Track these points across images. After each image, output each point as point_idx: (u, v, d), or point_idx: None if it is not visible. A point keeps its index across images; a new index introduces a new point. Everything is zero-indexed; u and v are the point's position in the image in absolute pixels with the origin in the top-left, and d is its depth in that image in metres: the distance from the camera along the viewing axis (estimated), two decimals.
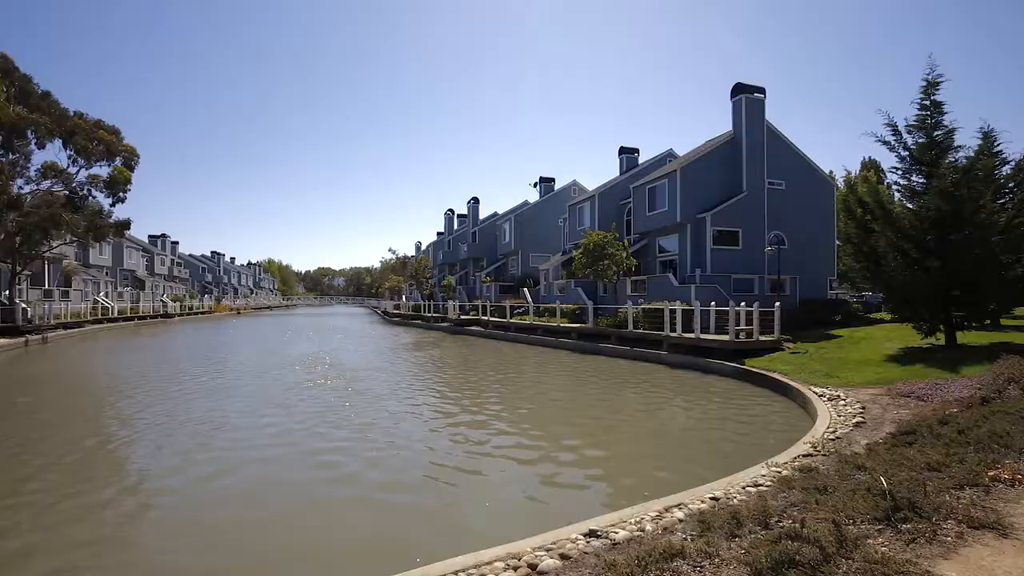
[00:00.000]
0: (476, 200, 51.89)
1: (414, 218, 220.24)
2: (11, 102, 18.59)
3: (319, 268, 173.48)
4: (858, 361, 12.57)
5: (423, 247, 74.19)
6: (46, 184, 26.99)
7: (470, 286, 47.99)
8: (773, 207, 23.86)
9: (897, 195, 16.65)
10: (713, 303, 16.99)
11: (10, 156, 23.65)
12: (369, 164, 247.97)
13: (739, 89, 24.21)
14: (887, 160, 74.60)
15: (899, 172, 14.63)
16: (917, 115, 13.99)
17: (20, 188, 26.06)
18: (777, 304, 16.30)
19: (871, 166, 42.69)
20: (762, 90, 24.45)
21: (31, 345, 23.98)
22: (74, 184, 27.63)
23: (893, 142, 14.28)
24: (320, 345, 25.31)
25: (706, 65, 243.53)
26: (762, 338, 15.51)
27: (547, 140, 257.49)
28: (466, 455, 7.67)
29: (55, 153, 32.07)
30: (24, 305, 26.92)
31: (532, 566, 3.57)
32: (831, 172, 35.80)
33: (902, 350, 13.29)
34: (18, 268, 28.60)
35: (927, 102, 13.79)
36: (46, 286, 34.91)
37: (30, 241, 27.18)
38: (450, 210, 59.33)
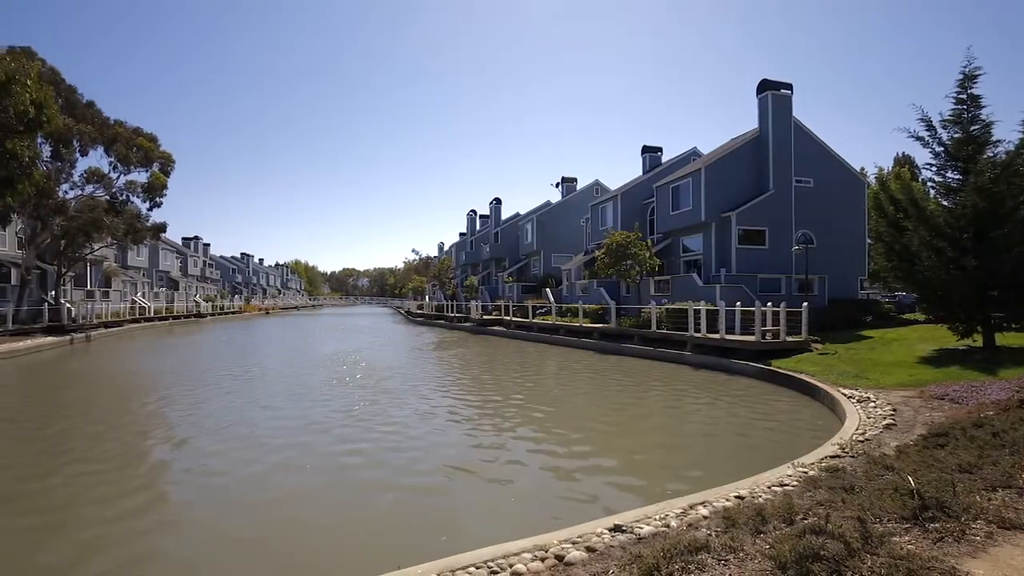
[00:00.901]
0: (498, 201, 52.14)
1: (437, 219, 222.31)
2: (59, 113, 19.52)
3: (344, 269, 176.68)
4: (889, 363, 12.29)
5: (446, 248, 74.90)
6: (88, 189, 28.25)
7: (492, 286, 48.25)
8: (801, 205, 23.40)
9: (932, 192, 16.19)
10: (739, 303, 16.79)
11: (57, 164, 24.79)
12: (393, 166, 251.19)
13: (765, 86, 23.82)
14: (922, 156, 72.19)
15: (934, 168, 14.24)
16: (953, 109, 13.60)
17: (65, 193, 27.34)
18: (805, 304, 16.03)
19: (904, 162, 41.40)
20: (789, 86, 24.00)
21: (76, 343, 25.11)
22: (114, 189, 28.83)
23: (927, 137, 13.90)
24: (347, 344, 25.86)
25: (733, 62, 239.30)
26: (789, 339, 15.27)
27: (569, 141, 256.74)
28: (489, 451, 7.80)
29: (97, 160, 33.47)
30: (68, 305, 28.22)
31: (559, 557, 3.67)
32: (862, 169, 34.95)
33: (937, 352, 12.94)
34: (63, 270, 30.00)
35: (964, 95, 13.38)
36: (88, 287, 36.44)
37: (74, 244, 28.48)
38: (472, 211, 59.77)
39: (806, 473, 5.37)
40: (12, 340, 21.32)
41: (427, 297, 61.25)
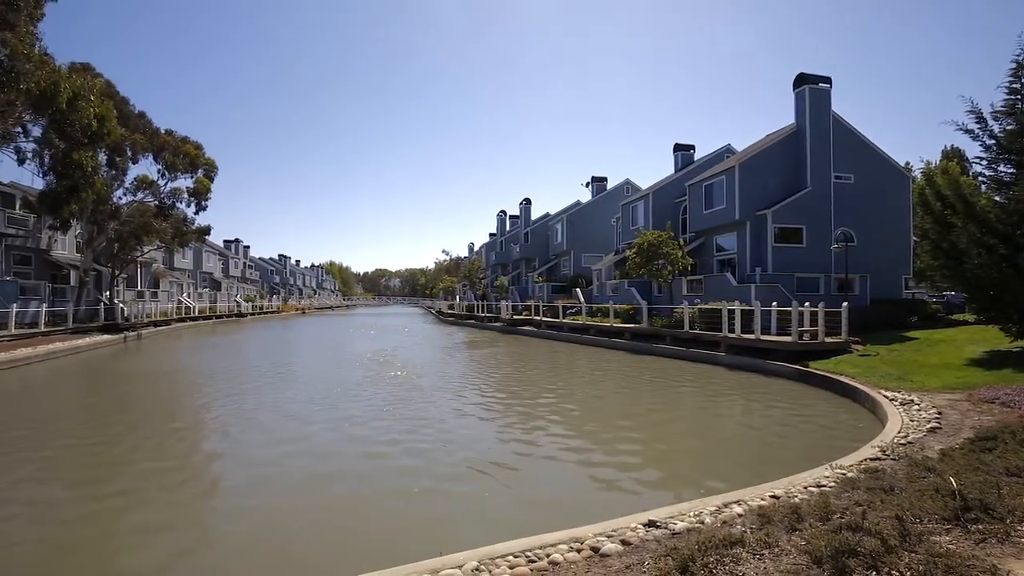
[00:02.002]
0: (528, 201, 52.26)
1: (467, 220, 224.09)
2: (116, 124, 20.78)
3: (376, 269, 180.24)
4: (936, 365, 11.86)
5: (476, 248, 75.47)
6: (139, 195, 29.79)
7: (522, 286, 48.41)
8: (840, 202, 22.69)
9: (983, 187, 15.48)
10: (775, 303, 16.44)
11: (111, 171, 26.25)
12: (424, 167, 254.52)
13: (802, 80, 23.20)
14: (972, 149, 68.58)
15: (984, 162, 13.63)
16: (1005, 100, 12.99)
17: (119, 199, 28.92)
18: (845, 304, 15.58)
19: (953, 155, 39.45)
20: (828, 79, 23.30)
21: (128, 342, 26.53)
22: (162, 194, 30.34)
23: (977, 130, 13.31)
24: (381, 343, 26.48)
25: (768, 58, 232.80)
26: (828, 340, 14.87)
27: (600, 140, 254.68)
28: (520, 448, 7.94)
29: (146, 167, 35.24)
30: (121, 305, 29.84)
31: (594, 549, 3.78)
32: (907, 164, 33.54)
33: (987, 353, 12.41)
34: (116, 271, 31.73)
35: (1017, 85, 12.78)
36: (139, 287, 38.37)
37: (126, 247, 30.11)
38: (502, 211, 60.05)
39: (844, 474, 5.31)
40: (73, 338, 22.70)
41: (457, 297, 61.89)
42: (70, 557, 4.67)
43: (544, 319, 31.36)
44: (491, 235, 65.32)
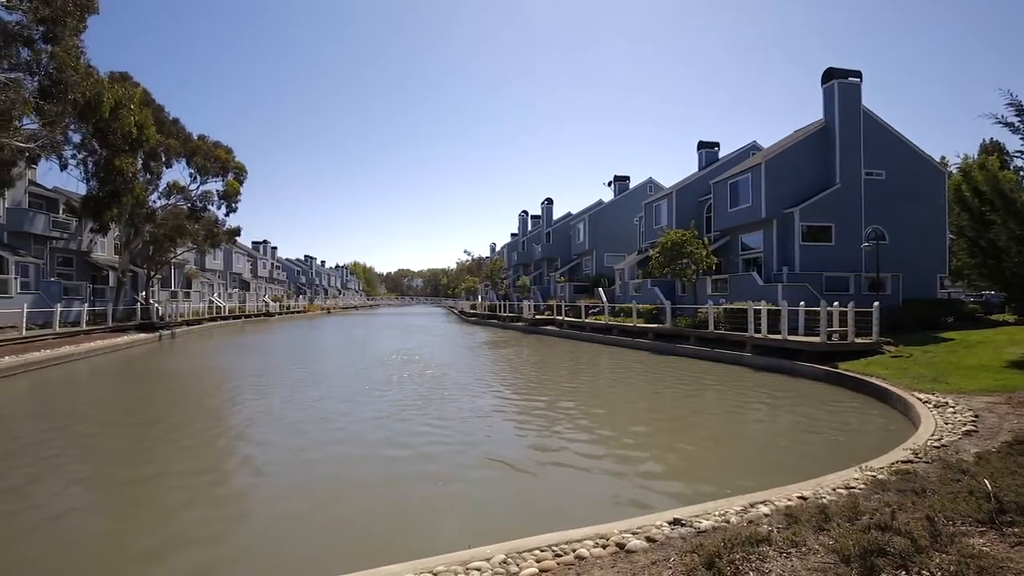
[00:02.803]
0: (550, 201, 52.21)
1: (489, 220, 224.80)
2: (155, 131, 21.63)
3: (399, 270, 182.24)
4: (972, 366, 11.49)
5: (497, 248, 75.72)
6: (172, 199, 30.84)
7: (544, 286, 48.40)
8: (871, 199, 22.10)
9: None
10: (802, 303, 16.14)
11: (147, 176, 27.25)
12: (445, 168, 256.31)
13: (831, 74, 22.67)
14: (1012, 143, 65.86)
15: None
16: None
17: (154, 203, 29.99)
18: (876, 304, 15.18)
19: (992, 149, 37.92)
20: (857, 73, 22.72)
21: (163, 340, 27.49)
22: (193, 197, 31.34)
23: (1017, 123, 12.82)
24: (405, 343, 26.84)
25: (797, 52, 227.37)
26: (858, 340, 14.53)
27: (623, 139, 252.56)
28: (544, 446, 8.00)
29: (179, 171, 36.37)
30: (156, 305, 30.93)
31: (620, 545, 3.83)
32: (943, 158, 32.39)
33: None
34: (151, 272, 32.89)
35: None
36: (172, 288, 39.69)
37: (161, 248, 31.19)
38: (524, 211, 60.12)
39: (874, 476, 5.24)
40: (112, 336, 23.65)
41: (479, 297, 62.21)
42: (127, 516, 4.95)
43: (566, 319, 31.32)
44: (513, 235, 65.46)
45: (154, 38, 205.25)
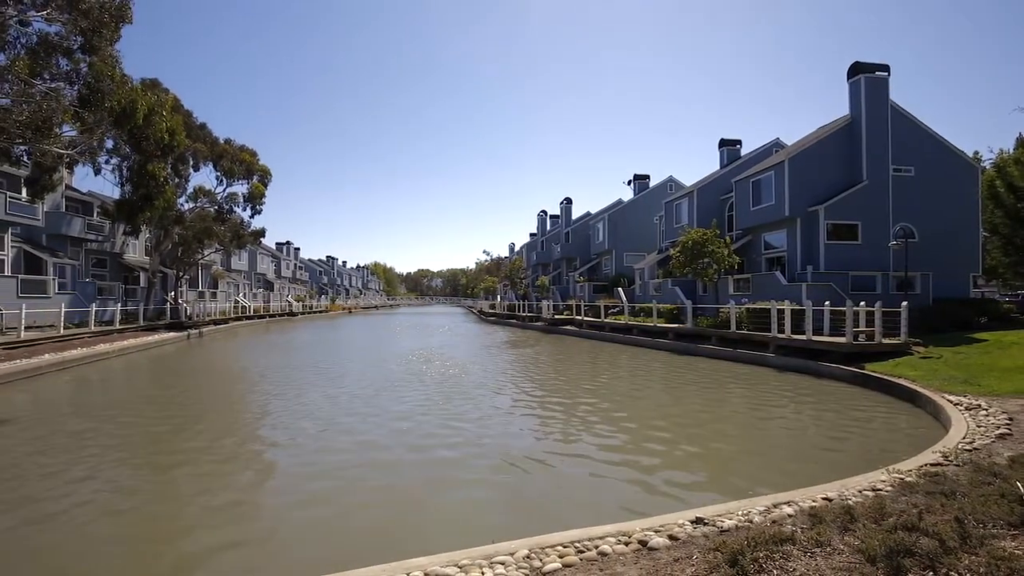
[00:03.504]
0: (569, 200, 52.09)
1: (508, 220, 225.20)
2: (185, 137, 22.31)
3: (419, 270, 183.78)
4: (1007, 368, 11.15)
5: (516, 248, 75.82)
6: (199, 201, 31.70)
7: (563, 286, 48.32)
8: (900, 196, 21.55)
9: None
10: (827, 303, 15.85)
11: (176, 179, 28.07)
12: (464, 167, 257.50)
13: (857, 68, 22.16)
14: None
15: None
16: None
17: (181, 206, 30.86)
18: (904, 304, 14.82)
19: None
20: (885, 67, 22.16)
21: (192, 339, 28.27)
22: (220, 200, 32.16)
23: None
24: (425, 342, 27.12)
25: (824, 46, 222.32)
26: (885, 341, 14.21)
27: (643, 138, 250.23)
28: (564, 446, 8.03)
29: (206, 174, 37.31)
30: (185, 304, 31.82)
31: (642, 542, 3.86)
32: (976, 153, 31.38)
33: None
34: (180, 273, 33.83)
35: None
36: (200, 288, 40.75)
37: (189, 250, 32.08)
38: (543, 211, 60.07)
39: (902, 479, 5.16)
40: (144, 335, 24.42)
41: (499, 297, 62.37)
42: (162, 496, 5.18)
43: (586, 319, 31.24)
44: (532, 235, 65.48)
45: (169, 38, 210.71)
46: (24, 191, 22.81)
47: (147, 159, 16.02)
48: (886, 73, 22.09)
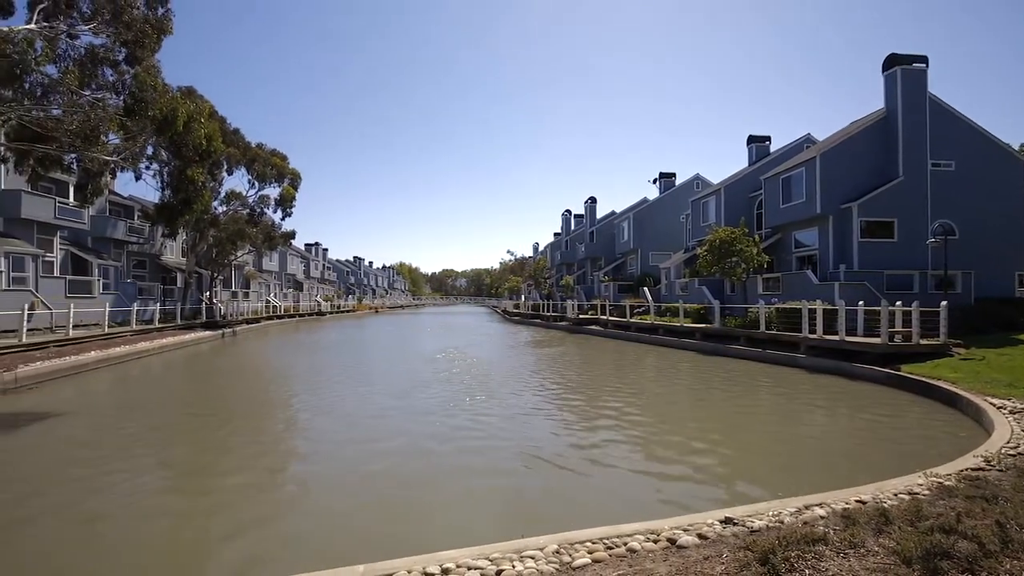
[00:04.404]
0: (593, 200, 51.81)
1: (532, 219, 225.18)
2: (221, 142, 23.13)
3: (443, 270, 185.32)
4: None
5: (540, 248, 75.76)
6: (232, 204, 32.69)
7: (588, 286, 48.10)
8: (939, 192, 20.77)
9: None
10: (861, 302, 15.42)
11: (211, 183, 29.04)
12: (488, 166, 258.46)
13: (893, 61, 21.45)
14: None
15: None
16: None
17: (215, 209, 31.90)
18: (943, 303, 14.30)
19: None
20: (923, 59, 21.39)
21: (226, 337, 29.20)
22: (252, 203, 33.13)
23: None
24: (450, 341, 27.40)
25: (858, 39, 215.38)
26: (923, 342, 13.74)
27: (667, 136, 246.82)
28: (590, 446, 8.04)
29: (239, 178, 38.45)
30: (219, 304, 32.87)
31: (671, 540, 3.87)
32: (1023, 147, 29.99)
33: None
34: (214, 274, 34.96)
35: None
36: (233, 288, 42.00)
37: (223, 251, 33.13)
38: (567, 211, 59.88)
39: (940, 483, 5.03)
40: (181, 333, 25.35)
41: (523, 297, 62.45)
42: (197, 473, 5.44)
43: (611, 318, 31.04)
44: (556, 235, 65.32)
45: (191, 38, 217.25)
46: (72, 196, 23.98)
47: (186, 164, 16.73)
48: (924, 65, 21.33)
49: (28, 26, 10.44)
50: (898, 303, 14.51)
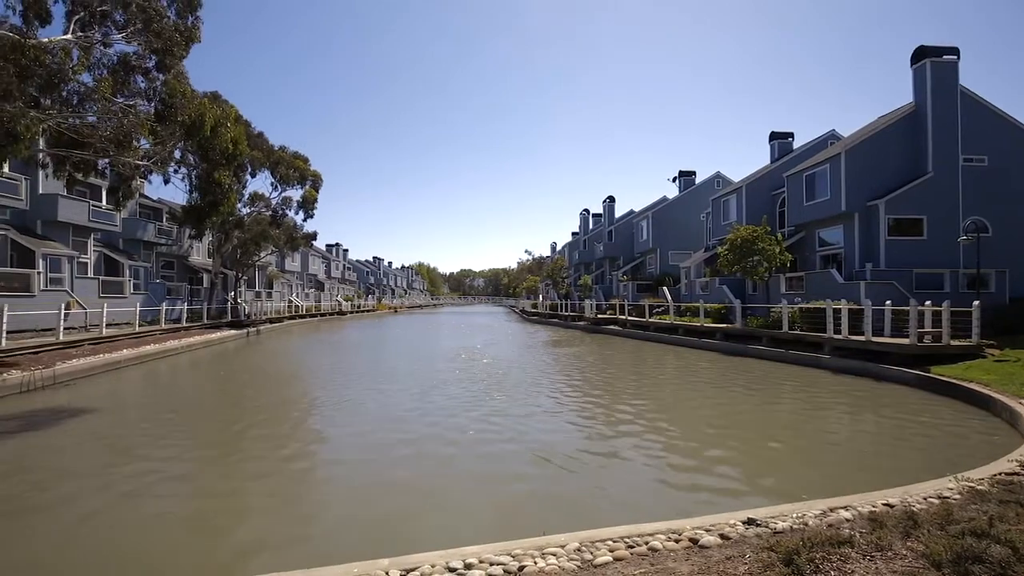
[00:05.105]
0: (612, 199, 51.53)
1: (549, 219, 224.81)
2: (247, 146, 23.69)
3: (461, 270, 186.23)
4: None
5: (558, 247, 75.63)
6: (256, 206, 33.40)
7: (606, 285, 47.87)
8: (971, 187, 20.15)
9: None
10: (888, 301, 15.07)
11: (236, 186, 29.72)
12: (507, 165, 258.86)
13: (922, 53, 20.89)
14: None
15: None
16: None
17: (240, 211, 32.60)
18: (976, 303, 13.88)
19: None
20: (954, 51, 20.78)
21: (250, 336, 29.85)
22: (275, 205, 33.80)
23: None
24: (469, 340, 27.56)
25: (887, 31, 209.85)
26: (954, 343, 13.36)
27: (687, 134, 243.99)
28: (609, 445, 8.03)
29: (262, 180, 39.22)
30: (244, 304, 33.61)
31: (693, 540, 3.86)
32: None
33: None
34: (239, 274, 35.75)
35: None
36: (256, 288, 42.88)
37: (247, 252, 33.87)
38: (585, 210, 59.66)
39: (972, 487, 4.91)
40: (207, 332, 26.01)
41: (540, 296, 62.41)
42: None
43: (629, 318, 30.85)
44: (574, 234, 65.15)
45: (205, 43, 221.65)
46: (104, 200, 24.79)
47: (213, 167, 17.25)
48: (955, 57, 20.72)
49: (65, 36, 10.86)
50: (928, 303, 14.14)
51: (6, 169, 12.91)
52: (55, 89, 10.42)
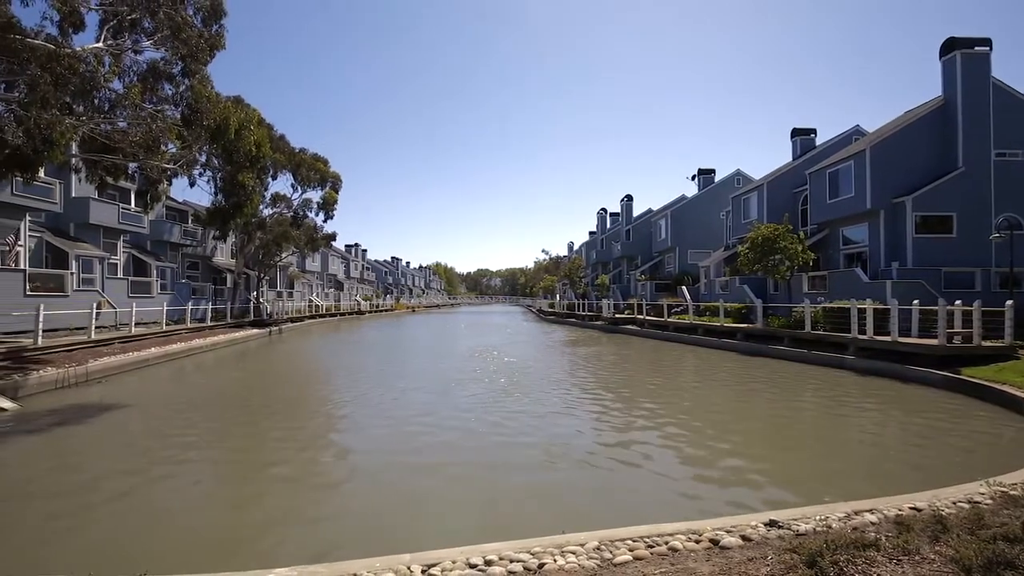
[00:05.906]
0: (629, 198, 51.16)
1: (567, 219, 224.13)
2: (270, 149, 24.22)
3: (478, 269, 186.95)
4: None
5: (575, 247, 75.38)
6: (278, 207, 34.00)
7: (624, 285, 47.55)
8: (1004, 183, 19.52)
9: None
10: (916, 301, 14.68)
11: (259, 188, 30.30)
12: (523, 165, 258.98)
13: (952, 45, 20.30)
14: None
15: None
16: None
17: (261, 212, 33.21)
18: (1009, 303, 13.44)
19: None
20: (986, 42, 20.15)
21: (272, 335, 30.41)
22: (296, 206, 34.37)
23: None
24: (486, 340, 27.66)
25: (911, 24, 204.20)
26: (985, 343, 12.96)
27: (707, 132, 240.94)
28: (628, 445, 7.99)
29: (283, 182, 39.93)
30: (265, 304, 34.24)
31: (714, 541, 3.84)
32: None
33: None
34: (261, 274, 36.43)
35: None
36: (278, 288, 43.65)
37: (269, 253, 34.51)
38: (603, 209, 59.36)
39: (1005, 492, 4.78)
40: (231, 331, 26.58)
41: (557, 296, 62.28)
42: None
43: (648, 318, 30.60)
44: (591, 233, 64.86)
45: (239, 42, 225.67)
46: (133, 202, 25.51)
47: (237, 170, 17.65)
48: (987, 48, 20.09)
49: (96, 44, 11.24)
50: (957, 302, 13.75)
51: (42, 174, 13.38)
52: (88, 96, 10.81)
